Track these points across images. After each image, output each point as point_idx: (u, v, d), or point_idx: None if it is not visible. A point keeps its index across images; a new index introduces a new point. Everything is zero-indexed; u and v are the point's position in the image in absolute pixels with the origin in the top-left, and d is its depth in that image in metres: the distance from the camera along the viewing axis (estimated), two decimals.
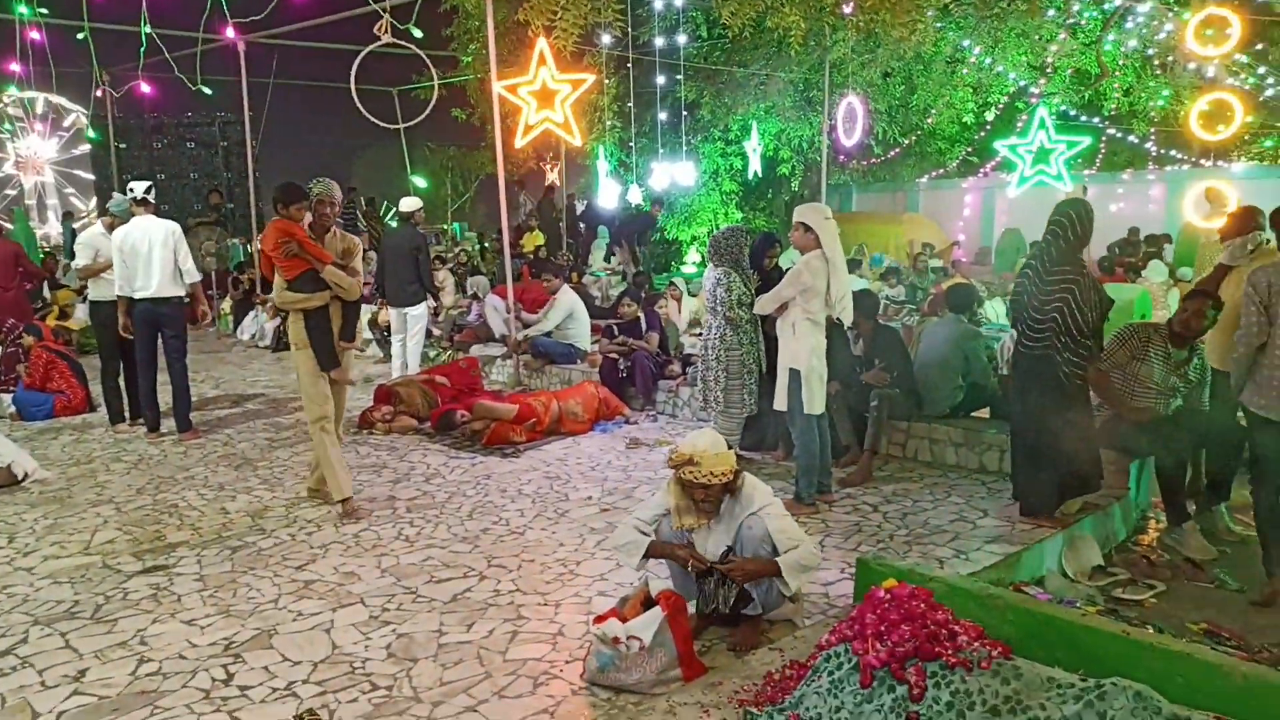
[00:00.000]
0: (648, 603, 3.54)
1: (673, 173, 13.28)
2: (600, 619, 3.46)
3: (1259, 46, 10.05)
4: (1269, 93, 11.02)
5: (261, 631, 3.85)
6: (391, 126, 9.18)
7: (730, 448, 5.96)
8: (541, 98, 8.72)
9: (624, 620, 3.41)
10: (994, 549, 4.59)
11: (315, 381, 5.33)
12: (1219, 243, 5.66)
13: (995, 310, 10.28)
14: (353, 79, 8.32)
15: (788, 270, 5.35)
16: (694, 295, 10.76)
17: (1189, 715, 2.23)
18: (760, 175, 14.53)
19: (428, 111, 9.13)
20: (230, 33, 10.68)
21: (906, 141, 16.28)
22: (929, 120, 14.81)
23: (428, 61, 8.67)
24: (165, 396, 7.35)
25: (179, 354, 7.22)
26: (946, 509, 5.27)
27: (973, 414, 6.43)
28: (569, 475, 6.13)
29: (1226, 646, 3.90)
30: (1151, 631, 3.48)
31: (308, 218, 5.23)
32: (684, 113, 13.71)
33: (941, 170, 18.26)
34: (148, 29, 8.92)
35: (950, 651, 2.57)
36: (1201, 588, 4.55)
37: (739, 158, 15.53)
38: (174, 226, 7.18)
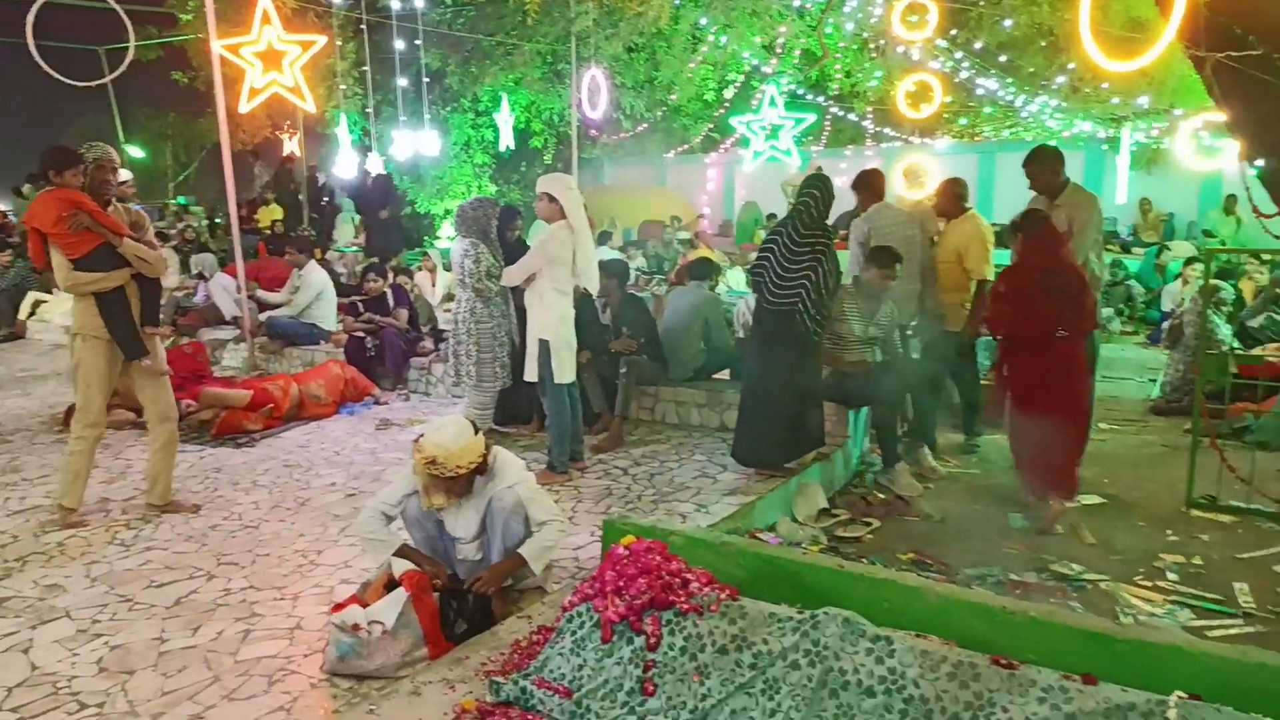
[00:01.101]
0: (391, 585, 3.44)
1: (417, 143, 12.85)
2: (339, 607, 3.32)
3: (953, 32, 11.18)
4: (964, 75, 12.31)
5: None
6: (80, 84, 8.19)
7: (483, 424, 5.99)
8: (268, 59, 8.13)
9: (365, 606, 3.29)
10: (732, 501, 4.84)
11: (103, 380, 4.65)
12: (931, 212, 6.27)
13: (736, 279, 10.84)
14: (29, 30, 7.33)
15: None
16: (449, 269, 10.52)
17: (889, 635, 2.45)
18: (512, 148, 14.40)
19: (121, 70, 8.22)
20: None
21: (654, 117, 16.73)
22: (673, 96, 15.29)
23: (124, 16, 7.80)
24: None
25: None
26: (691, 467, 5.50)
27: (714, 376, 6.75)
28: (311, 462, 5.81)
29: (930, 572, 4.36)
30: (865, 564, 3.81)
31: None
32: (425, 80, 13.29)
33: (687, 145, 18.94)
34: None
35: (683, 599, 2.68)
36: (911, 521, 5.04)
37: (490, 129, 15.31)
38: None
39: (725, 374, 6.82)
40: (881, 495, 5.36)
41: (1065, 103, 12.42)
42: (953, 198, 5.98)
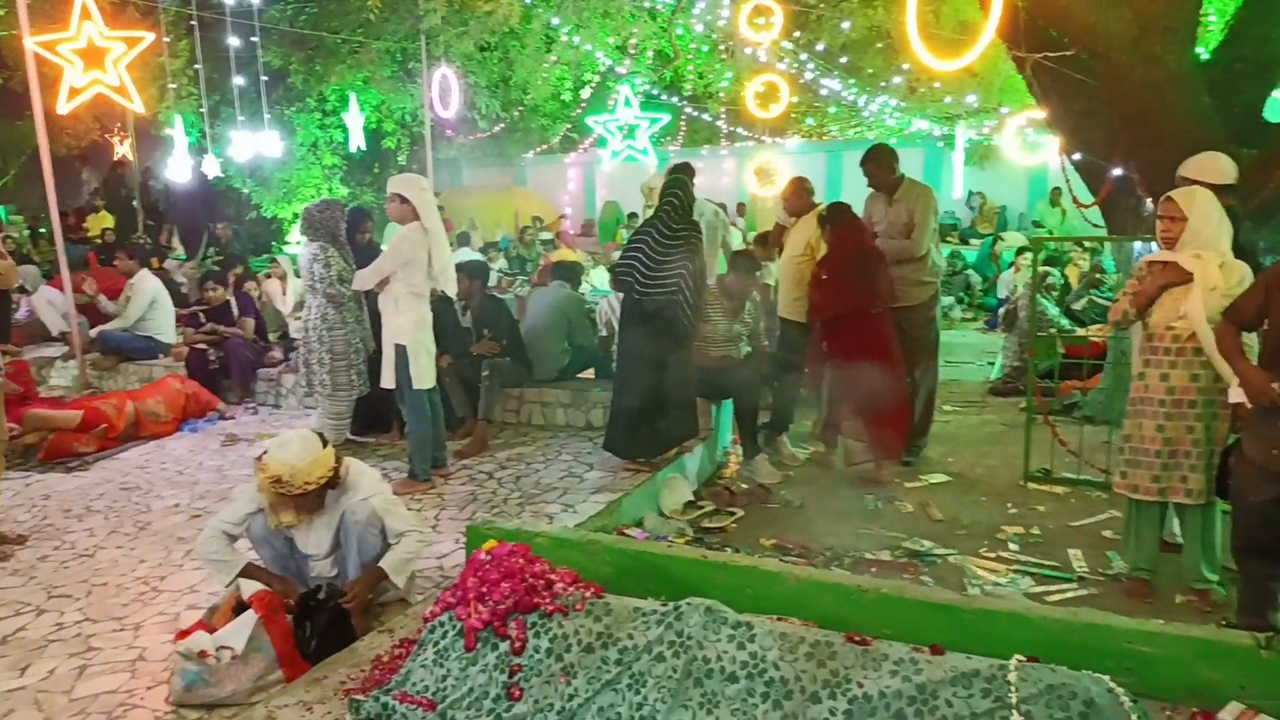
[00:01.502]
0: (240, 608, 3.27)
1: (257, 144, 12.27)
2: (184, 634, 3.13)
3: (797, 34, 11.53)
4: (809, 76, 12.72)
5: None
6: None
7: (339, 435, 5.78)
8: (89, 58, 7.57)
9: (213, 631, 3.12)
10: (599, 499, 4.84)
11: None
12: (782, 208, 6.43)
13: (599, 278, 10.86)
14: None
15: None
16: (300, 275, 10.11)
17: (750, 620, 2.49)
18: (364, 149, 13.95)
19: None
20: None
21: (510, 117, 16.56)
22: (529, 96, 15.17)
23: None
24: None
25: None
26: (557, 467, 5.47)
27: (579, 375, 6.74)
28: (151, 483, 5.46)
29: (791, 557, 4.48)
30: (728, 553, 3.88)
31: None
32: (264, 79, 12.70)
33: (546, 146, 18.85)
34: None
35: (548, 600, 2.65)
36: (772, 509, 5.16)
37: (339, 130, 14.78)
38: None
39: (590, 373, 6.82)
40: (745, 485, 5.48)
41: (903, 102, 13.02)
42: (801, 195, 6.16)
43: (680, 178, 5.18)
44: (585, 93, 15.84)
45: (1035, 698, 2.10)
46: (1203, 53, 5.66)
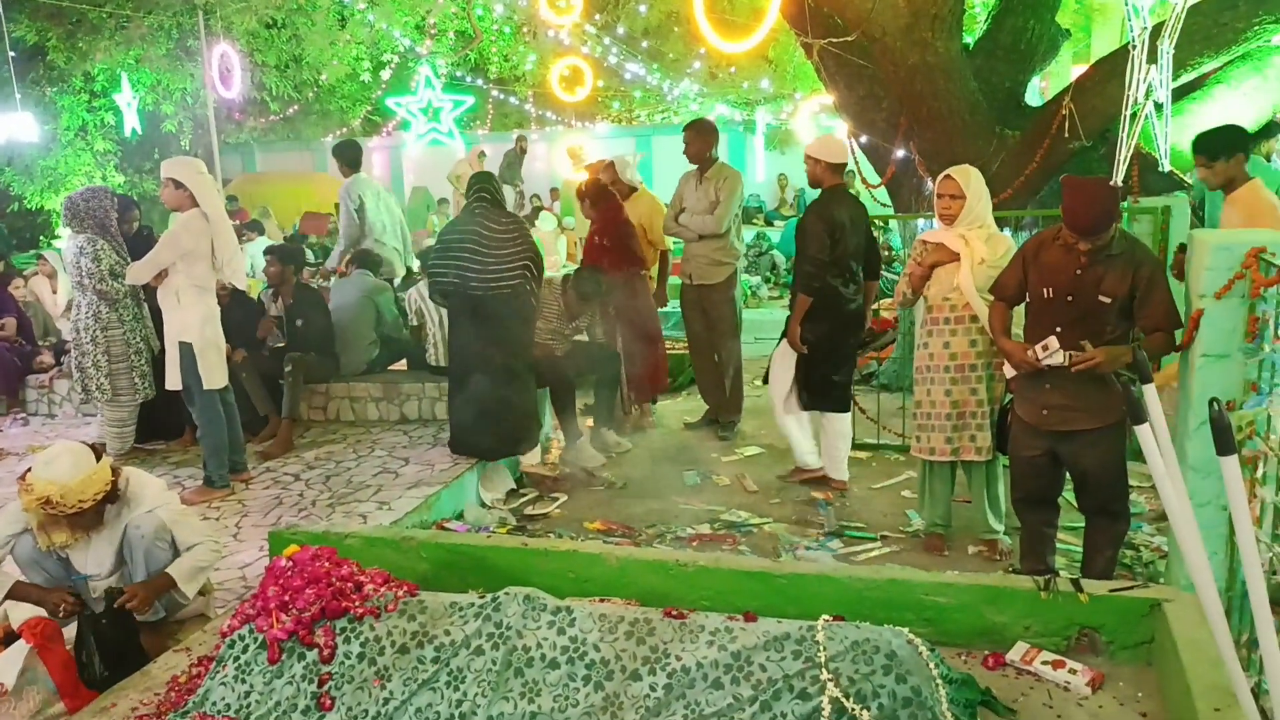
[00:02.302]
0: (9, 638, 2.93)
1: (8, 128, 11.03)
2: None
3: (598, 17, 11.58)
4: (613, 60, 12.82)
5: None
6: None
7: (123, 444, 5.32)
8: None
9: None
10: (416, 494, 4.69)
11: None
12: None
13: (412, 264, 10.49)
14: None
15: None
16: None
17: (569, 605, 2.47)
18: (140, 132, 12.85)
19: None
20: None
21: (304, 99, 15.73)
22: (323, 77, 14.46)
23: None
24: None
25: None
26: (370, 464, 5.26)
27: (389, 368, 6.48)
28: None
29: (615, 537, 4.51)
30: (552, 538, 3.85)
31: None
32: (12, 55, 11.43)
33: (346, 129, 18.05)
34: None
35: (357, 603, 2.53)
36: (596, 491, 5.18)
37: (111, 112, 13.54)
38: None
39: (402, 365, 6.56)
40: (567, 469, 5.46)
41: (705, 87, 13.36)
42: (612, 177, 6.20)
43: (486, 180, 5.13)
44: (385, 74, 15.30)
45: (842, 655, 2.19)
46: (970, 41, 6.10)
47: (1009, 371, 3.65)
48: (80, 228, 5.12)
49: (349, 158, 7.09)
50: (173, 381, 4.79)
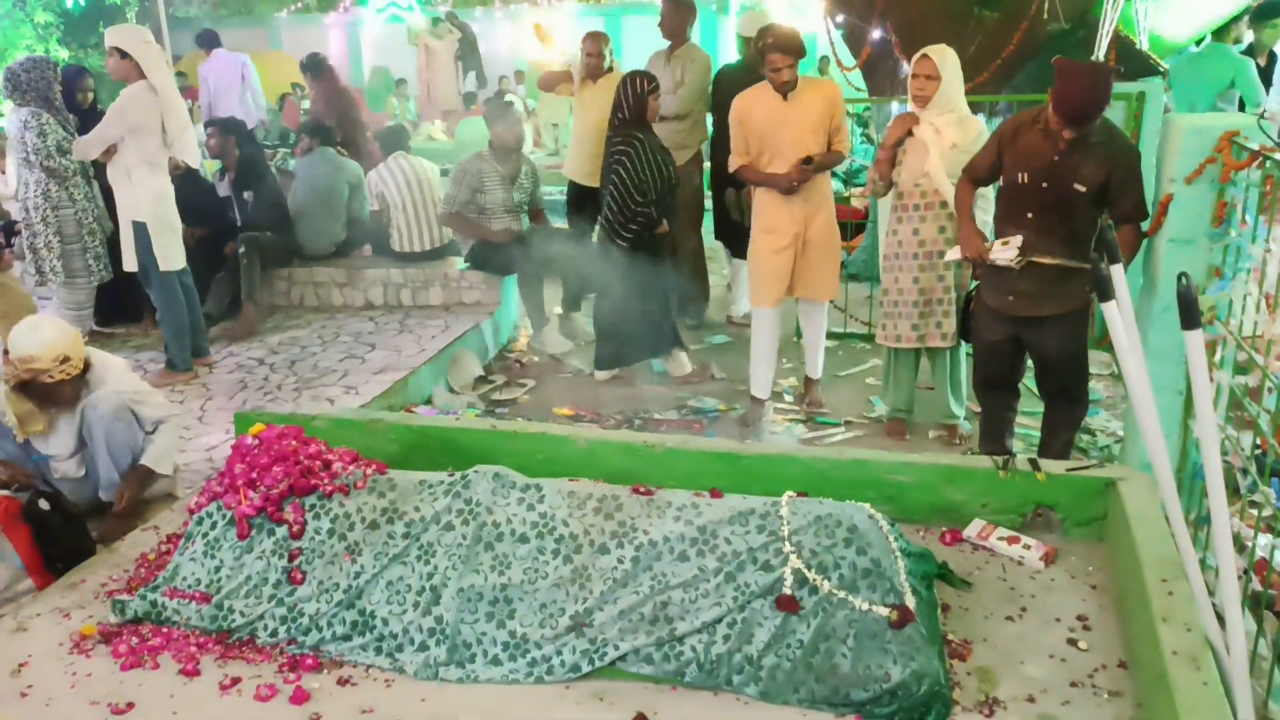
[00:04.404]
0: None
1: None
2: None
3: None
4: None
5: None
6: None
7: (81, 327, 5.21)
8: None
9: None
10: (383, 378, 4.67)
11: None
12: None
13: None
14: None
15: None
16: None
17: (539, 482, 2.49)
18: (84, 4, 12.19)
19: None
20: None
21: None
22: None
23: None
24: None
25: None
26: (336, 349, 5.21)
27: (354, 253, 6.35)
28: None
29: (584, 421, 4.55)
30: (520, 421, 3.87)
31: None
32: None
33: (301, 4, 17.24)
34: None
35: (326, 480, 2.53)
36: (565, 378, 5.19)
37: None
38: None
39: (368, 249, 6.42)
40: (536, 356, 5.45)
41: None
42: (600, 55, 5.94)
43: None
44: None
45: (805, 528, 2.24)
46: None
47: (951, 254, 3.65)
48: (22, 100, 4.87)
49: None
50: (129, 263, 4.66)
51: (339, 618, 2.33)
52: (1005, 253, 3.24)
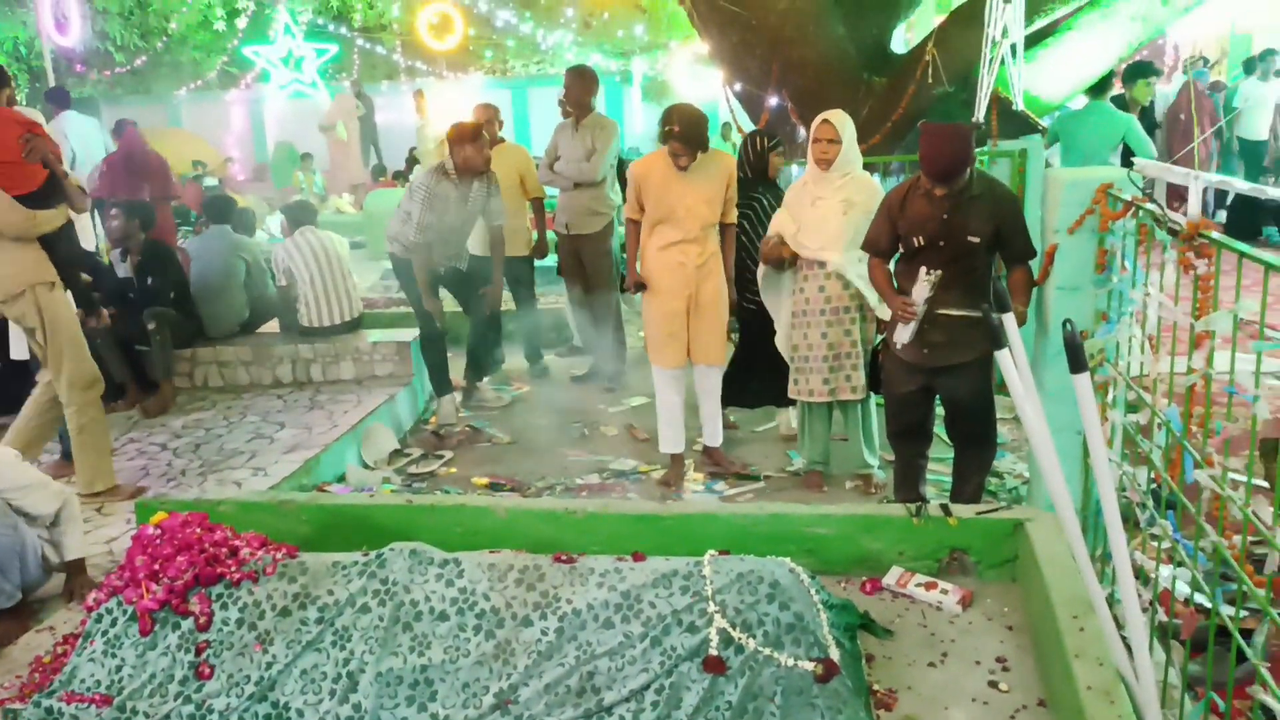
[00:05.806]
0: None
1: None
2: None
3: None
4: (483, 7, 12.46)
5: None
6: None
7: None
8: None
9: None
10: (293, 458, 4.54)
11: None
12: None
13: (276, 225, 10.08)
14: None
15: None
16: None
17: (457, 556, 2.44)
18: None
19: None
20: None
21: (153, 49, 14.74)
22: (172, 25, 13.57)
23: None
24: None
25: None
26: (243, 430, 5.05)
27: (258, 330, 6.20)
28: None
29: (504, 491, 4.48)
30: (438, 495, 3.80)
31: None
32: None
33: (201, 81, 17.04)
34: None
35: (233, 568, 2.43)
36: (482, 447, 5.12)
37: None
38: None
39: (273, 326, 6.27)
40: (455, 427, 5.36)
41: (579, 36, 13.17)
42: (492, 124, 6.02)
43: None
44: (241, 22, 14.48)
45: (728, 587, 2.24)
46: None
47: (882, 312, 3.77)
48: None
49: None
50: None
51: (251, 711, 2.23)
52: (922, 289, 3.36)
